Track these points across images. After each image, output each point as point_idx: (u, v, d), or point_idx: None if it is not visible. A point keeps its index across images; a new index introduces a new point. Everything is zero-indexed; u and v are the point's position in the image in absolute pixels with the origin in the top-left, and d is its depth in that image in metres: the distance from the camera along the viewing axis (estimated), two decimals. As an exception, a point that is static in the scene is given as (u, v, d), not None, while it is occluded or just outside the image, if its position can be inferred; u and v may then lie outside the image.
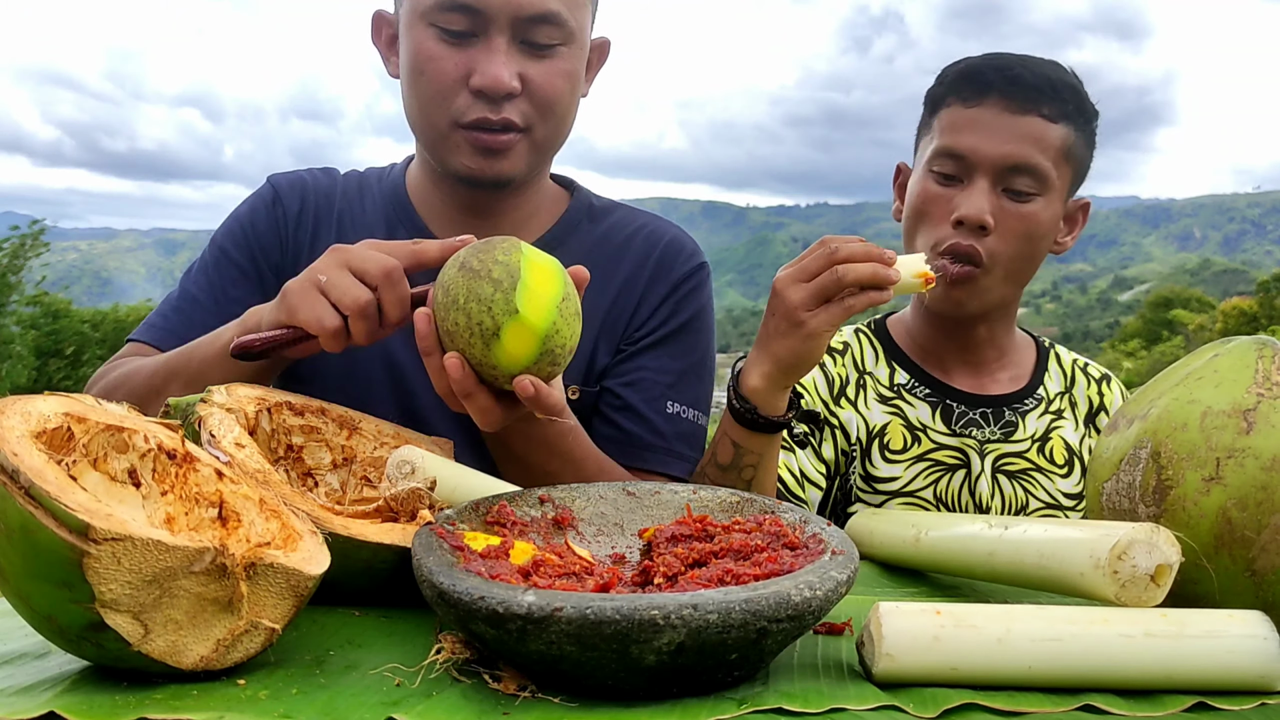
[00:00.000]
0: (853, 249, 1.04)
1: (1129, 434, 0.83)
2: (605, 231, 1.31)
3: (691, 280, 1.29)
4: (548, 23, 1.13)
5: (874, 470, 1.35)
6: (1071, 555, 0.73)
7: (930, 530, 0.92)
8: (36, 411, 0.66)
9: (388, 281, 0.92)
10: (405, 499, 0.81)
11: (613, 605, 0.58)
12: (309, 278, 0.94)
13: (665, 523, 0.83)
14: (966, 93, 1.30)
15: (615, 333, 1.26)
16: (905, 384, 1.40)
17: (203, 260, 1.29)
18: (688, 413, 1.24)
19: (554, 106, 1.17)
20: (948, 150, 1.29)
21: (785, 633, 0.62)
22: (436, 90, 1.14)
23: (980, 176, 1.28)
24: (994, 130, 1.27)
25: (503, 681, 0.63)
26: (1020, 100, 1.28)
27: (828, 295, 1.04)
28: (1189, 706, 0.64)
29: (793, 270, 1.07)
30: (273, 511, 0.72)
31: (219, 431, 0.82)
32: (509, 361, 0.86)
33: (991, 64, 1.31)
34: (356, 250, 0.94)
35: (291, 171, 1.34)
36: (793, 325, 1.05)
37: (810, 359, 1.06)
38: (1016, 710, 0.62)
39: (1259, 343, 0.82)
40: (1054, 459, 1.38)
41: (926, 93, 1.39)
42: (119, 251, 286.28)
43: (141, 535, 0.58)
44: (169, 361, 1.09)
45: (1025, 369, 1.44)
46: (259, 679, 0.63)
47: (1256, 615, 0.68)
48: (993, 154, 1.27)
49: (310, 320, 0.92)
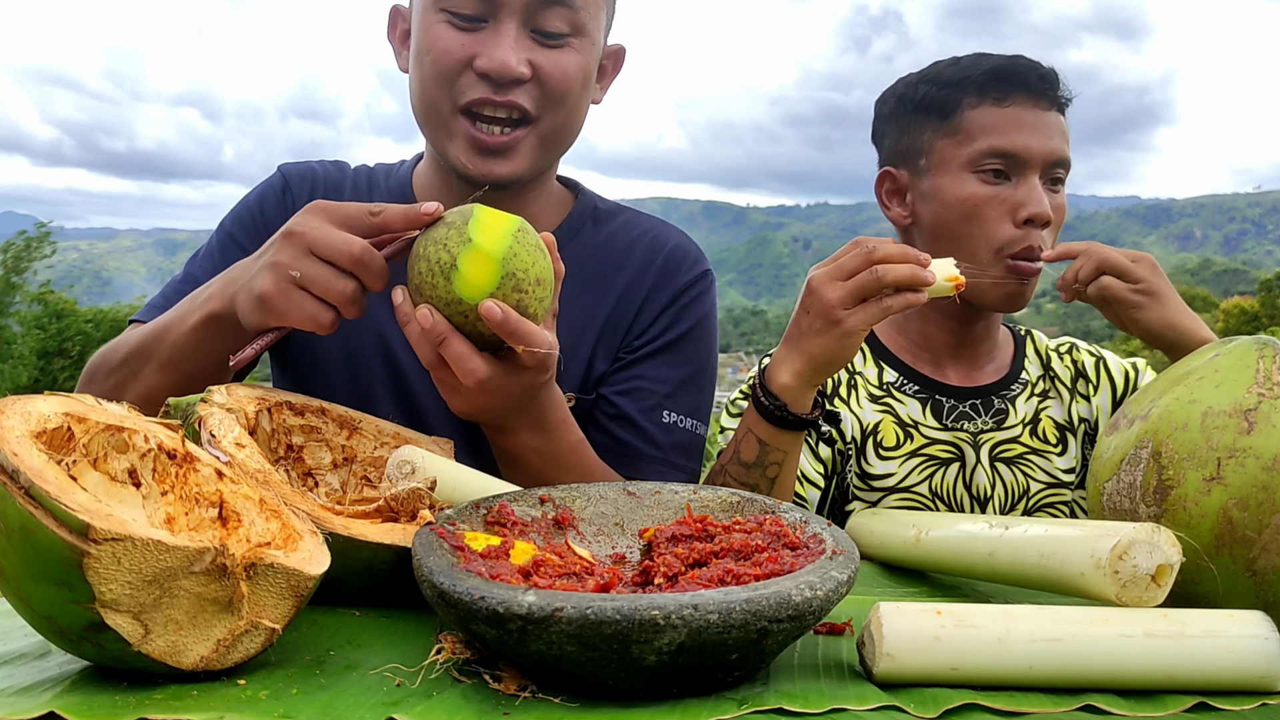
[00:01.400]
0: (889, 249, 1.05)
1: (1130, 434, 0.83)
2: (609, 236, 1.30)
3: (694, 289, 1.28)
4: (560, 5, 1.11)
5: (869, 468, 1.36)
6: (1072, 555, 0.73)
7: (930, 530, 0.92)
8: (36, 411, 0.66)
9: (360, 266, 0.89)
10: (405, 499, 0.80)
11: (613, 605, 0.58)
12: (280, 275, 0.90)
13: (666, 523, 0.83)
14: (995, 93, 1.32)
15: (614, 340, 1.25)
16: (894, 382, 1.41)
17: (209, 245, 1.29)
18: (685, 422, 1.23)
19: (564, 97, 1.14)
20: (998, 150, 1.31)
21: (786, 633, 0.62)
22: (440, 72, 1.12)
23: (1031, 173, 1.31)
24: (1035, 128, 1.32)
25: (503, 682, 0.63)
26: (1046, 97, 1.33)
27: (865, 294, 1.05)
28: (1190, 707, 0.64)
29: (829, 269, 1.08)
30: (273, 511, 0.72)
31: (219, 431, 0.82)
32: (471, 290, 0.86)
33: (1016, 62, 1.34)
34: (316, 234, 0.90)
35: (303, 162, 1.33)
36: (829, 323, 1.05)
37: (844, 357, 1.07)
38: (1017, 710, 0.62)
39: (1259, 342, 0.82)
40: (1047, 438, 1.40)
41: (914, 97, 1.39)
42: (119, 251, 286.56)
43: (141, 535, 0.58)
44: (141, 341, 1.07)
45: (1008, 357, 1.47)
46: (259, 679, 0.63)
47: (1257, 615, 0.68)
48: (1041, 150, 1.31)
49: (304, 320, 0.90)
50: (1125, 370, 1.46)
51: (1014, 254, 1.30)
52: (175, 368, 1.03)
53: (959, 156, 1.33)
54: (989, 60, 1.35)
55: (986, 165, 1.31)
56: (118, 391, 1.07)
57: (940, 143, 1.36)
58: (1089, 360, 1.46)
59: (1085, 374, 1.45)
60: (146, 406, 1.03)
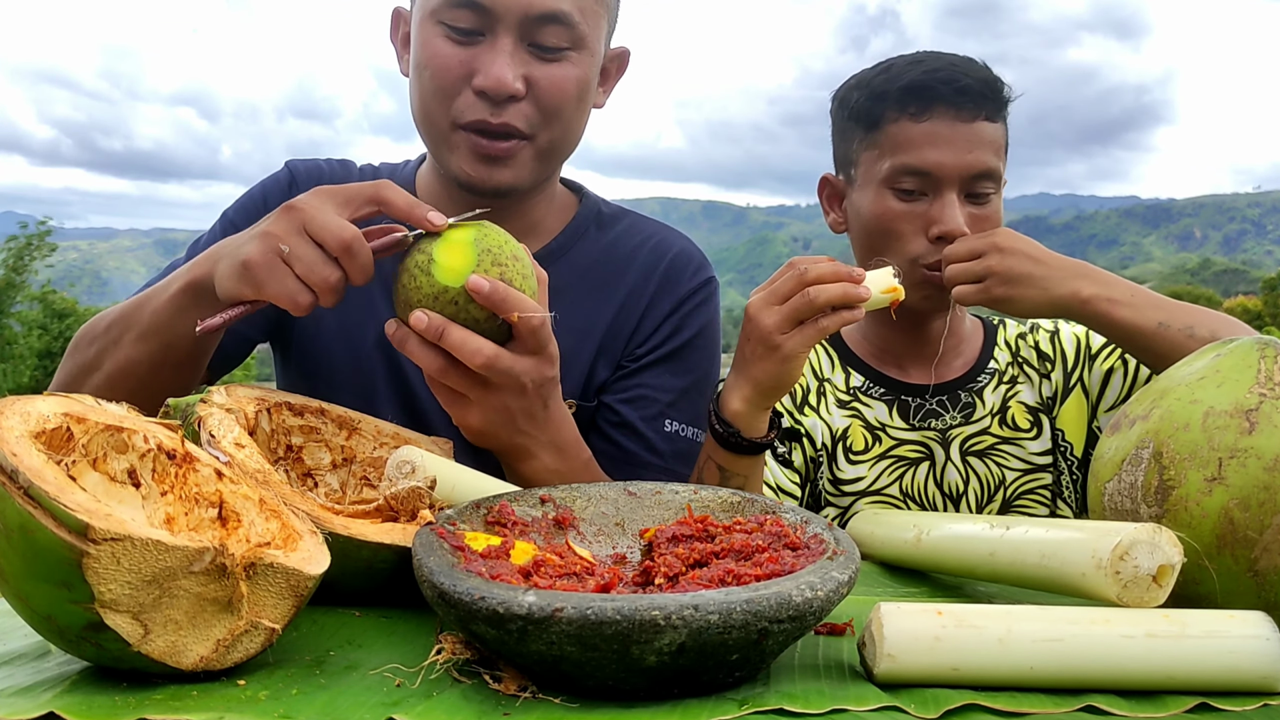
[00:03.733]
0: (821, 270, 1.04)
1: (1131, 434, 0.83)
2: (612, 241, 1.30)
3: (697, 296, 1.28)
4: (557, 23, 1.11)
5: (840, 473, 1.36)
6: (1073, 555, 0.73)
7: (931, 530, 0.92)
8: (36, 412, 0.66)
9: (348, 254, 0.89)
10: (405, 499, 0.80)
11: (613, 606, 0.58)
12: (269, 246, 0.89)
13: (666, 523, 0.83)
14: (913, 107, 1.30)
15: (616, 347, 1.25)
16: (860, 386, 1.41)
17: (211, 233, 1.28)
18: (687, 431, 1.23)
19: (559, 112, 1.14)
20: (909, 168, 1.29)
21: (786, 633, 0.62)
22: (439, 88, 1.13)
23: (947, 189, 1.29)
24: (951, 142, 1.29)
25: (503, 682, 0.63)
26: (969, 108, 1.29)
27: (800, 318, 1.04)
28: (1191, 707, 0.64)
29: (764, 294, 1.08)
30: (273, 511, 0.72)
31: (219, 431, 0.82)
32: (452, 275, 0.89)
33: (932, 75, 1.30)
34: (313, 212, 0.90)
35: (310, 159, 1.34)
36: (769, 349, 1.06)
37: (788, 380, 1.07)
38: (1018, 711, 0.62)
39: (1261, 343, 0.82)
40: (1017, 425, 1.38)
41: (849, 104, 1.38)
42: (119, 251, 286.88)
43: (141, 535, 0.58)
44: (125, 310, 1.07)
45: (976, 349, 1.45)
46: (259, 679, 0.63)
47: (1258, 616, 0.68)
48: (957, 166, 1.28)
49: (281, 295, 0.89)
50: (1076, 338, 1.42)
51: (927, 265, 1.30)
52: (153, 336, 1.02)
53: (878, 171, 1.32)
54: (913, 70, 1.32)
55: (900, 183, 1.30)
56: (98, 359, 1.06)
57: (864, 155, 1.36)
58: (1044, 337, 1.44)
59: (1044, 352, 1.43)
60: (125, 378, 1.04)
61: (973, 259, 1.25)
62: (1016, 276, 1.22)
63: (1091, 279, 1.21)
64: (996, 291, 1.23)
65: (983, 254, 1.24)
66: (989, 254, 1.23)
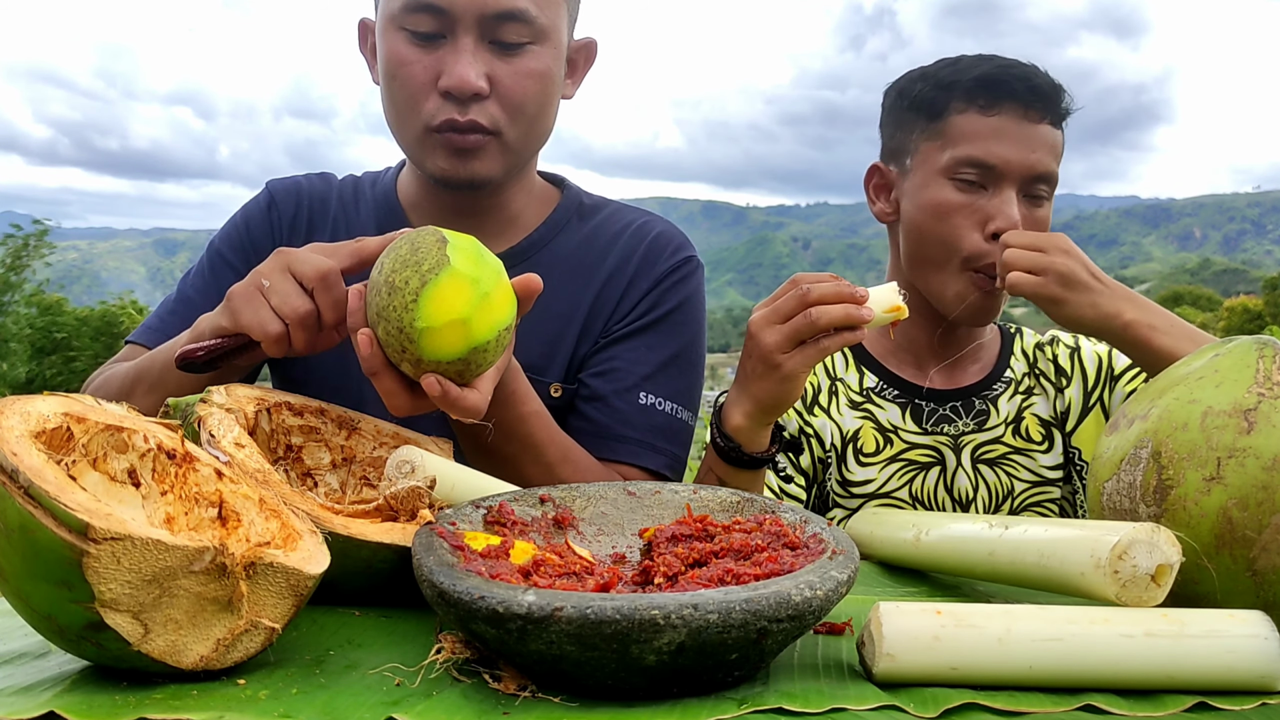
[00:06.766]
0: (824, 290, 1.04)
1: (1130, 434, 0.83)
2: (593, 229, 1.29)
3: (677, 273, 1.26)
4: (515, 20, 1.12)
5: (849, 475, 1.36)
6: (1072, 555, 0.73)
7: (930, 530, 0.92)
8: (36, 411, 0.66)
9: (323, 285, 0.92)
10: (405, 498, 0.80)
11: (613, 605, 0.58)
12: (253, 281, 0.93)
13: (665, 522, 0.83)
14: (983, 100, 1.30)
15: (596, 329, 1.24)
16: (874, 387, 1.40)
17: (200, 264, 1.31)
18: (665, 405, 1.21)
19: (523, 108, 1.15)
20: (973, 160, 1.29)
21: (786, 633, 0.62)
22: (408, 95, 1.14)
23: (1007, 186, 1.29)
24: (1018, 140, 1.29)
25: (503, 681, 0.63)
26: (1038, 109, 1.30)
27: (801, 338, 1.04)
28: (1190, 706, 0.64)
29: (766, 312, 1.07)
30: (272, 511, 0.72)
31: (218, 431, 0.82)
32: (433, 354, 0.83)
33: (1005, 70, 1.31)
34: (299, 254, 0.94)
35: (289, 177, 1.35)
36: (769, 368, 1.05)
37: (789, 399, 1.07)
38: (1017, 710, 0.62)
39: (1259, 342, 0.82)
40: (1030, 436, 1.38)
41: (909, 94, 1.37)
42: (119, 252, 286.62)
43: (141, 535, 0.58)
44: (138, 365, 1.11)
45: (993, 356, 1.45)
46: (259, 679, 0.63)
47: (1257, 615, 0.68)
48: (1021, 164, 1.28)
49: (253, 324, 0.91)
50: (1098, 357, 1.42)
51: (978, 267, 1.29)
52: (160, 389, 1.05)
53: (938, 161, 1.32)
54: (984, 64, 1.33)
55: (962, 174, 1.30)
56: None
57: (925, 145, 1.35)
58: (1064, 352, 1.44)
59: (1061, 366, 1.42)
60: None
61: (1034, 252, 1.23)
62: (1074, 282, 1.21)
63: (1135, 304, 1.21)
64: (1052, 289, 1.21)
65: (1045, 250, 1.23)
66: (1052, 252, 1.22)
